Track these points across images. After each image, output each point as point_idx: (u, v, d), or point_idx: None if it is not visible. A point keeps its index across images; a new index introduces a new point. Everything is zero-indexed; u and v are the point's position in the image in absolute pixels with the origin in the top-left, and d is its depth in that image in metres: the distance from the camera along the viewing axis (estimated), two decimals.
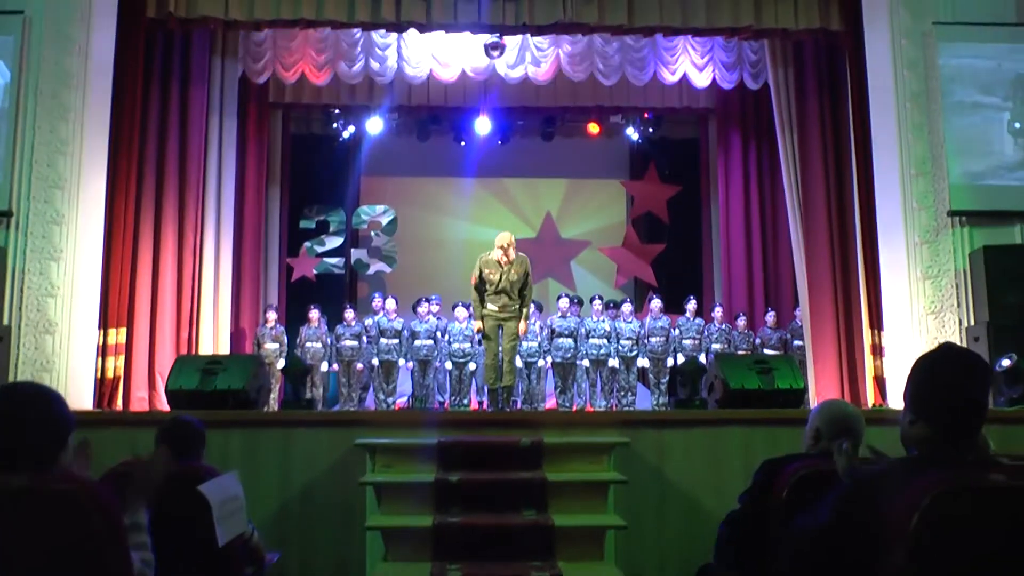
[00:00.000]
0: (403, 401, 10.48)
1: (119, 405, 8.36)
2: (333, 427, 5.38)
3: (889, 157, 8.13)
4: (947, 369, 1.91)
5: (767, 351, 10.26)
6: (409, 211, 13.02)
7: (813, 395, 8.81)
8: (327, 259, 12.48)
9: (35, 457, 1.92)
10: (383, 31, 9.65)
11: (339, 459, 5.19)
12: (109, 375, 8.10)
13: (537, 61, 10.73)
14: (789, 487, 2.50)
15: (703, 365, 6.99)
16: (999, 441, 5.14)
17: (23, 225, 7.52)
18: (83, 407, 7.51)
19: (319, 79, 10.61)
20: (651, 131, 12.90)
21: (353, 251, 12.76)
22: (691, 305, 10.61)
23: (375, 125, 12.39)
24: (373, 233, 12.80)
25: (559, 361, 10.08)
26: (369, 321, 10.52)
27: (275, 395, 9.73)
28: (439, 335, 10.32)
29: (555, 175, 13.41)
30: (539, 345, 10.18)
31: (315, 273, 12.32)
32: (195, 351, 9.55)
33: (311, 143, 12.84)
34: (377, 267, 12.69)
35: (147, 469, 2.33)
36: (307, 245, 12.44)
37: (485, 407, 10.16)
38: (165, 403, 7.41)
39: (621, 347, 10.20)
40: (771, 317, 10.74)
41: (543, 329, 10.28)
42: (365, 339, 10.39)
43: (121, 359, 8.29)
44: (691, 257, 12.74)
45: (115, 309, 8.21)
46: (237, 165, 10.69)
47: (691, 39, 10.62)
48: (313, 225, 12.59)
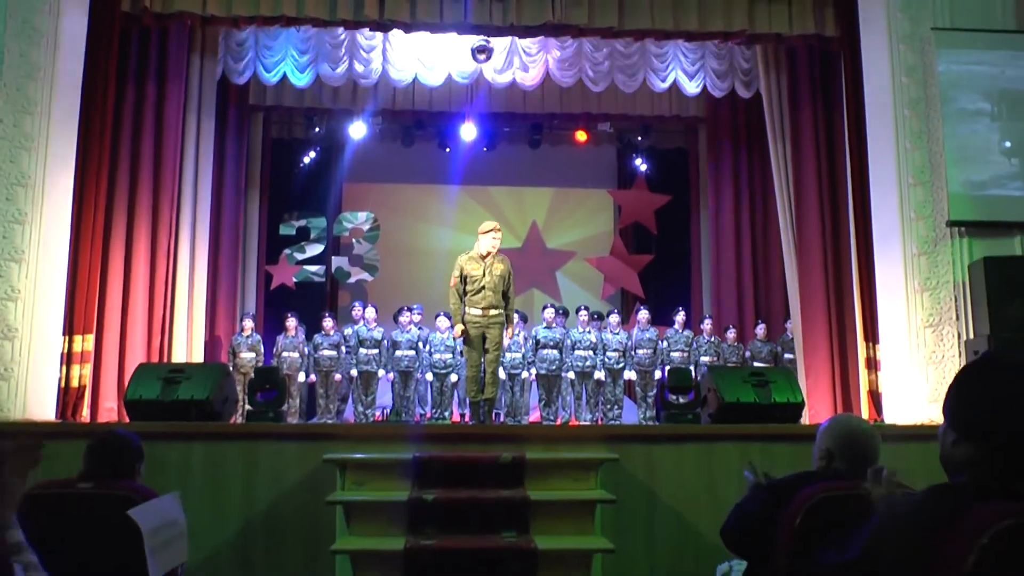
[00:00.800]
0: (379, 414, 10.16)
1: (86, 416, 8.03)
2: (302, 440, 5.05)
3: (886, 166, 7.89)
4: (1003, 380, 1.59)
5: (757, 364, 10.01)
6: (392, 218, 12.75)
7: (805, 410, 8.55)
8: (307, 267, 12.18)
9: None
10: (368, 31, 9.35)
11: (308, 475, 4.86)
12: (74, 384, 7.75)
13: (525, 66, 10.51)
14: (803, 514, 2.21)
15: (689, 372, 6.67)
16: None
17: None
18: (45, 417, 7.18)
19: (301, 80, 10.32)
20: (640, 139, 12.65)
21: (334, 259, 12.44)
22: (680, 317, 10.37)
23: (358, 130, 12.11)
24: (355, 241, 12.51)
25: (543, 373, 9.81)
26: (348, 331, 10.21)
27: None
28: (421, 345, 10.03)
29: (541, 184, 13.17)
30: (523, 356, 9.90)
31: (295, 281, 12.01)
32: (168, 359, 9.19)
33: (292, 147, 12.54)
34: (359, 276, 12.39)
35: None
36: (287, 252, 12.14)
37: (466, 420, 9.89)
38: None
39: (607, 359, 9.94)
40: (761, 330, 10.51)
41: (527, 340, 10.02)
42: (344, 349, 10.08)
43: (88, 367, 7.94)
44: (680, 268, 12.51)
45: (82, 314, 7.86)
46: (215, 168, 10.39)
47: (682, 46, 10.45)
48: (293, 231, 12.29)
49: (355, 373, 9.96)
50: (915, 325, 7.49)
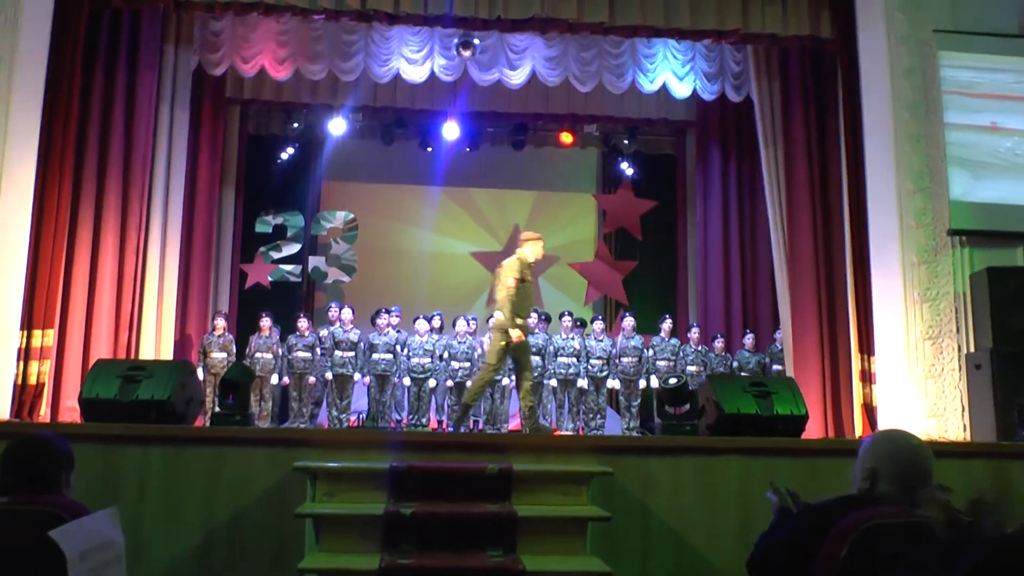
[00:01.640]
0: (354, 419, 9.80)
1: (46, 415, 7.64)
2: (271, 446, 4.64)
3: (884, 171, 7.64)
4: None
5: (743, 375, 9.74)
6: (371, 218, 12.38)
7: None
8: (283, 266, 11.79)
9: None
10: (349, 21, 8.99)
11: (276, 484, 4.48)
12: (32, 381, 7.38)
13: (511, 64, 10.19)
14: (849, 545, 1.89)
15: (686, 383, 6.35)
16: None
17: None
18: None
19: (280, 73, 9.99)
20: (626, 143, 12.37)
21: (311, 259, 12.06)
22: (666, 324, 10.08)
23: (338, 126, 11.75)
24: (333, 240, 12.13)
25: None
26: (324, 332, 9.85)
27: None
28: (399, 349, 9.68)
29: (524, 186, 12.85)
30: None
31: (270, 280, 11.63)
32: (135, 357, 8.79)
33: (270, 143, 12.16)
34: (335, 276, 12.01)
35: None
36: (262, 250, 11.75)
37: (445, 428, 9.55)
38: None
39: (591, 367, 9.64)
40: (750, 339, 10.26)
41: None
42: (319, 351, 9.72)
43: (47, 364, 7.57)
44: (666, 275, 12.25)
45: (42, 309, 7.49)
46: (188, 161, 10.04)
47: (672, 47, 10.22)
48: (270, 229, 11.90)
49: (330, 376, 9.60)
50: (914, 337, 7.23)
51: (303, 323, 9.81)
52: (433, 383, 9.59)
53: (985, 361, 6.60)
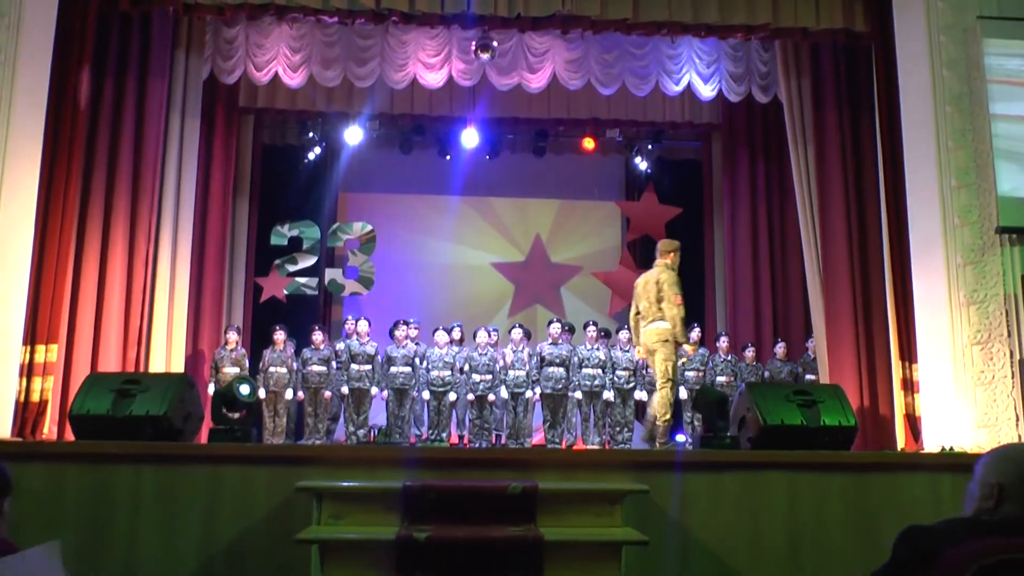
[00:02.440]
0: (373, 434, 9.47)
1: (52, 432, 7.36)
2: (273, 465, 4.29)
3: (925, 168, 7.25)
4: None
5: (786, 383, 9.31)
6: (389, 230, 12.09)
7: None
8: (299, 279, 11.51)
9: None
10: (363, 23, 8.70)
11: (278, 506, 4.13)
12: (35, 398, 7.11)
13: (531, 67, 9.87)
14: None
15: (725, 394, 5.95)
16: None
17: None
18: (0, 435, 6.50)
19: (294, 80, 9.71)
20: (650, 147, 11.99)
21: (328, 271, 11.78)
22: (695, 334, 9.67)
23: (354, 135, 11.46)
24: (350, 252, 11.84)
25: (549, 392, 9.12)
26: (340, 345, 9.53)
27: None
28: (417, 362, 9.34)
29: (546, 194, 12.53)
30: (527, 374, 9.22)
31: (286, 294, 11.34)
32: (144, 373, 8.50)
33: (285, 153, 11.91)
34: (353, 289, 11.71)
35: None
36: (278, 263, 11.47)
37: (466, 443, 9.19)
38: None
39: (617, 378, 9.26)
40: (781, 348, 9.87)
41: (532, 357, 9.32)
42: (335, 364, 9.39)
43: (51, 380, 7.30)
44: (693, 284, 11.78)
45: (45, 323, 7.24)
46: (201, 172, 9.80)
47: (697, 47, 9.88)
48: (285, 242, 11.62)
49: (346, 390, 9.27)
50: (960, 342, 6.81)
51: (318, 336, 9.49)
52: (453, 396, 9.25)
53: None
